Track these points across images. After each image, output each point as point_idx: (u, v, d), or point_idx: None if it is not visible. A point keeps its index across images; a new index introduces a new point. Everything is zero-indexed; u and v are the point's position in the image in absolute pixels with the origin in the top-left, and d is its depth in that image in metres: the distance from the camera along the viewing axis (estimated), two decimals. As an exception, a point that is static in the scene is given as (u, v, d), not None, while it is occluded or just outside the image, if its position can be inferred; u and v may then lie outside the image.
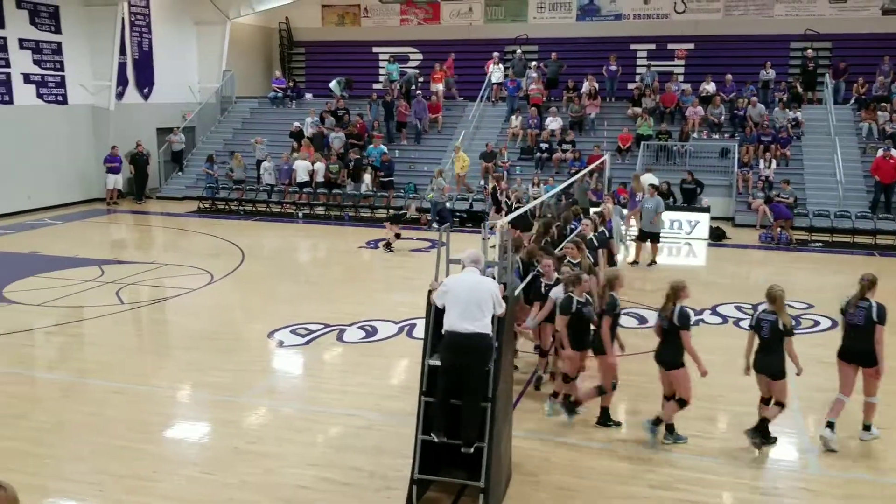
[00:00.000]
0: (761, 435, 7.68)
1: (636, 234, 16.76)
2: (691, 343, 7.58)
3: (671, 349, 7.66)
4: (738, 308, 12.44)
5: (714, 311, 12.51)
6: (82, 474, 7.17)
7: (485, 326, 6.27)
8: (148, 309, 13.13)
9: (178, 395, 9.31)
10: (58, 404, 8.85)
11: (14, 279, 14.45)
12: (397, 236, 17.53)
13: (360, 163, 22.92)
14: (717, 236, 19.14)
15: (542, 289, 8.94)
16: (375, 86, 28.31)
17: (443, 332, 6.39)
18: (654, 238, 16.30)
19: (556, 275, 8.96)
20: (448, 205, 20.50)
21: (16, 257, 16.61)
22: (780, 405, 7.67)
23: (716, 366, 8.17)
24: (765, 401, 7.80)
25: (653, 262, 16.21)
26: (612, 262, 13.25)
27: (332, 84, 26.46)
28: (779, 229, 18.54)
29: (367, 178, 22.54)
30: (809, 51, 24.88)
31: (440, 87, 25.77)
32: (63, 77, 22.91)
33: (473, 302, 6.27)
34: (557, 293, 8.52)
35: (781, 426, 7.98)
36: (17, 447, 7.67)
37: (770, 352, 7.57)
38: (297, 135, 24.73)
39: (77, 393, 9.24)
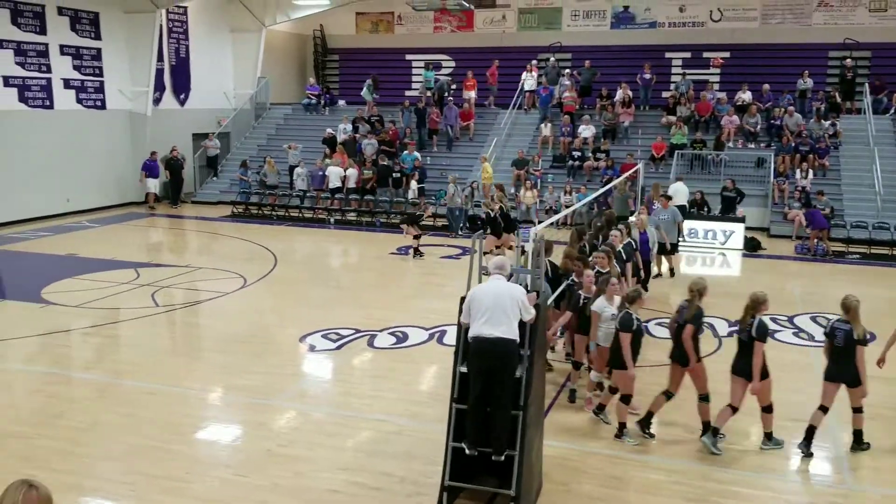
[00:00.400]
0: (806, 442, 7.79)
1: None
2: (763, 355, 7.60)
3: (747, 361, 7.61)
4: (774, 320, 12.17)
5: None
6: (117, 474, 7.25)
7: (511, 332, 6.23)
8: (182, 312, 13.27)
9: (210, 397, 9.39)
10: (94, 404, 8.94)
11: (52, 280, 14.66)
12: (416, 237, 17.53)
13: (386, 169, 22.99)
14: (752, 247, 18.90)
15: (581, 301, 8.90)
16: (408, 93, 28.44)
17: (469, 338, 6.37)
18: (672, 249, 15.86)
19: (594, 287, 8.95)
20: (457, 212, 20.42)
21: (54, 259, 16.88)
22: (859, 410, 7.77)
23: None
24: (823, 409, 7.80)
25: (672, 273, 15.89)
26: (647, 273, 13.13)
27: (363, 91, 26.63)
28: (815, 240, 18.26)
29: (413, 184, 22.52)
30: (848, 60, 24.53)
31: (472, 94, 25.79)
32: (102, 83, 23.31)
33: (499, 308, 6.23)
34: (602, 307, 8.39)
35: (815, 439, 7.85)
36: (54, 446, 7.78)
37: (844, 361, 7.62)
38: (330, 141, 24.90)
39: (112, 393, 9.34)
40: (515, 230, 16.78)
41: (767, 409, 7.85)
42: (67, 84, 22.21)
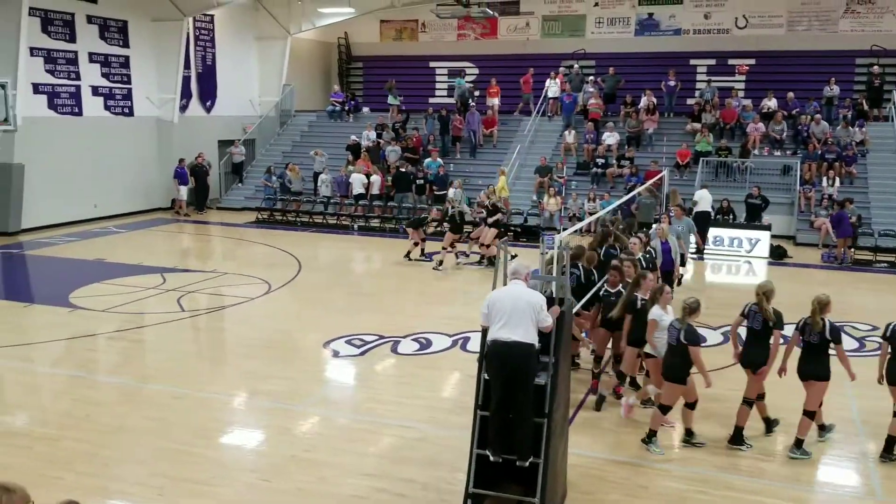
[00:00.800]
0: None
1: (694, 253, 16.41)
2: (845, 354, 7.78)
3: (822, 362, 7.69)
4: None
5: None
6: (143, 477, 7.31)
7: (528, 336, 6.20)
8: (207, 317, 13.37)
9: (235, 401, 9.42)
10: (120, 408, 9.02)
11: (80, 285, 14.81)
12: (421, 241, 17.67)
13: (401, 175, 23.04)
14: (777, 255, 18.75)
15: (638, 303, 8.90)
16: (432, 100, 28.50)
17: (487, 342, 6.38)
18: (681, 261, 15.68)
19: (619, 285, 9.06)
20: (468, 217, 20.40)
21: (82, 264, 17.07)
22: None
23: (778, 385, 8.10)
24: None
25: (678, 282, 15.71)
26: (668, 283, 12.98)
27: (389, 98, 26.82)
28: (842, 249, 18.07)
29: (453, 190, 22.42)
30: (875, 67, 24.26)
31: (496, 101, 25.82)
32: (130, 90, 23.61)
33: (518, 312, 6.22)
34: (660, 315, 8.25)
35: (842, 449, 7.78)
36: (81, 448, 7.85)
37: None
38: (354, 148, 25.02)
39: (139, 397, 9.43)
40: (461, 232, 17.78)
41: (810, 416, 7.83)
42: (96, 91, 22.52)
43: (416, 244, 17.63)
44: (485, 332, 6.51)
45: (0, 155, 18.89)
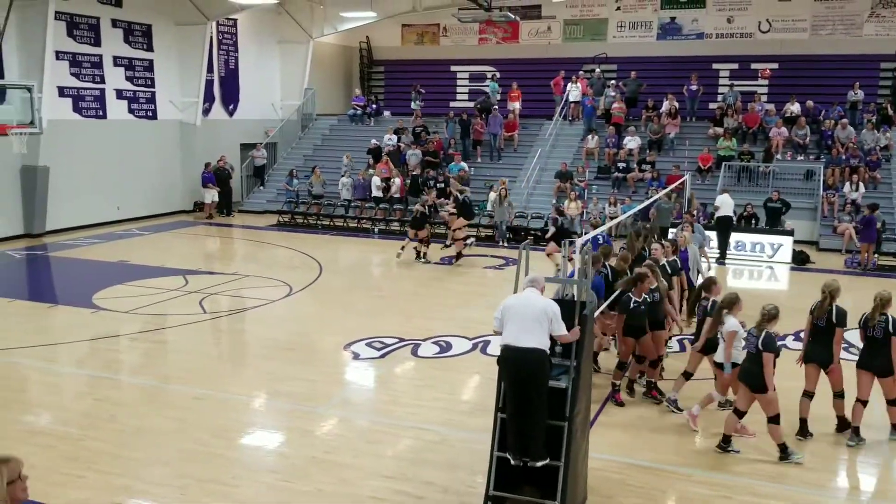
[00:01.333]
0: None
1: (714, 261, 16.23)
2: None
3: (885, 357, 7.89)
4: None
5: (797, 337, 12.10)
6: (166, 477, 7.36)
7: (541, 342, 6.24)
8: (229, 319, 13.45)
9: (256, 403, 9.48)
10: (143, 408, 9.09)
11: (103, 286, 14.94)
12: (423, 241, 17.89)
13: (415, 179, 23.01)
14: (800, 260, 18.57)
15: (631, 304, 9.06)
16: (452, 104, 28.52)
17: (500, 346, 6.44)
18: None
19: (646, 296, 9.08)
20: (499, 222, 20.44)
21: (105, 266, 17.22)
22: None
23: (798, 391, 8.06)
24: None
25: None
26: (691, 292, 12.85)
27: (413, 103, 26.89)
28: (866, 254, 17.87)
29: (491, 195, 22.45)
30: (900, 71, 24.03)
31: (517, 105, 25.79)
32: (153, 93, 23.83)
33: (530, 318, 6.27)
34: (737, 325, 8.12)
35: (868, 454, 7.69)
36: (105, 448, 7.92)
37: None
38: (375, 152, 25.08)
39: (161, 398, 9.50)
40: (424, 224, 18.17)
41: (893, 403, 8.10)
42: (120, 94, 22.74)
43: (422, 241, 17.86)
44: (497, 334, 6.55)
45: (26, 157, 19.05)
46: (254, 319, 13.31)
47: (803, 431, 8.27)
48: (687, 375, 9.06)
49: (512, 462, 6.35)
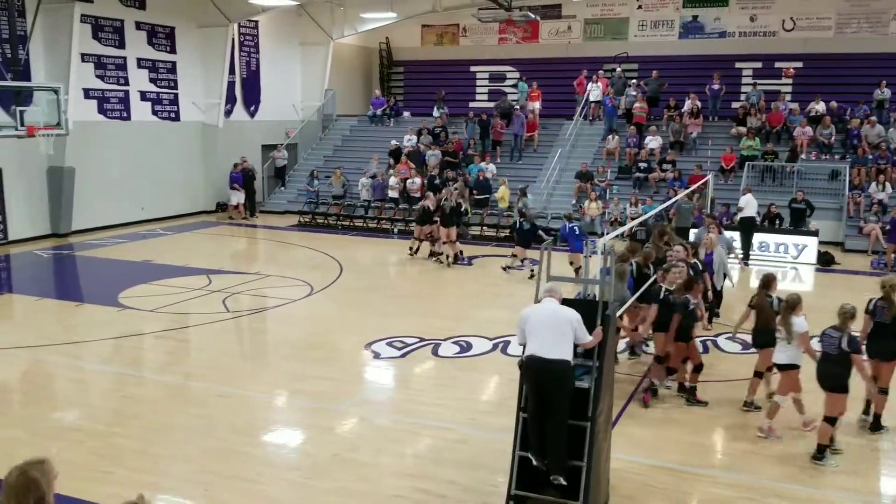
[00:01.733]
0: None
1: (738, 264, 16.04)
2: None
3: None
4: None
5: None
6: (190, 474, 7.43)
7: (564, 353, 6.26)
8: (251, 318, 13.53)
9: (278, 401, 9.56)
10: (167, 405, 9.20)
11: (128, 286, 15.10)
12: (429, 240, 17.90)
13: (431, 180, 23.03)
14: (825, 261, 18.37)
15: (662, 294, 9.27)
16: (472, 104, 28.50)
17: (523, 357, 6.43)
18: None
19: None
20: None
21: (130, 265, 17.39)
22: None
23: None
24: None
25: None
26: (716, 296, 12.76)
27: (435, 110, 26.92)
28: (893, 255, 17.65)
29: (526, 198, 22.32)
30: (928, 69, 23.69)
31: (537, 105, 25.72)
32: (176, 95, 24.01)
33: (554, 328, 6.29)
34: (805, 326, 8.14)
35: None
36: (131, 445, 8.02)
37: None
38: (395, 153, 25.12)
39: (185, 395, 9.63)
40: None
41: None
42: (144, 96, 22.93)
43: (427, 239, 18.00)
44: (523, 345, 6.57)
45: (52, 159, 19.28)
46: (276, 319, 13.42)
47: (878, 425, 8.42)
48: (758, 375, 9.14)
49: (535, 463, 6.38)
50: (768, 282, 9.19)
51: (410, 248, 18.66)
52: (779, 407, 8.30)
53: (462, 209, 18.58)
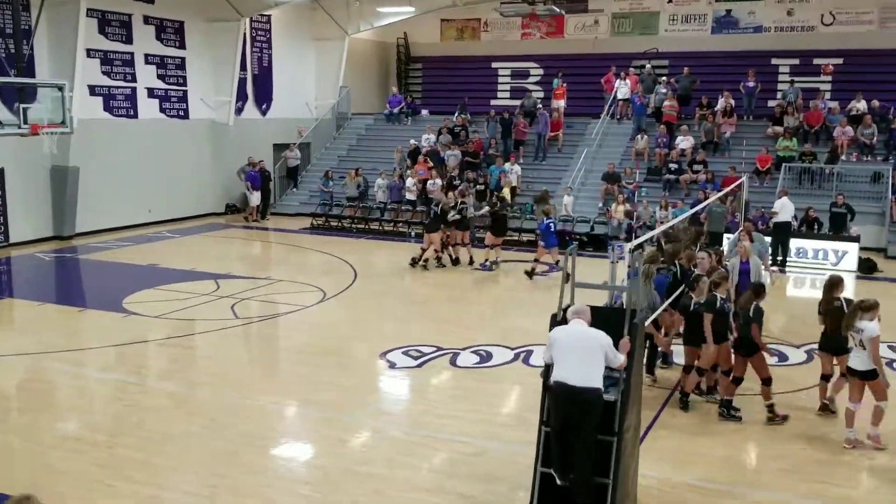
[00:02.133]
0: None
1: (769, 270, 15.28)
2: None
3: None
4: (891, 348, 11.11)
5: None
6: (195, 485, 7.21)
7: (594, 379, 6.01)
8: (261, 324, 13.16)
9: (288, 411, 9.30)
10: (172, 414, 8.97)
11: (133, 290, 14.72)
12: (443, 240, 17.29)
13: (453, 181, 22.22)
14: (867, 268, 17.57)
15: (693, 306, 9.06)
16: (493, 102, 27.71)
17: (551, 382, 6.18)
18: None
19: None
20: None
21: (135, 269, 16.90)
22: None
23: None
24: None
25: None
26: None
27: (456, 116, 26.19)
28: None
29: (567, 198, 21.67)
30: (974, 65, 22.64)
31: (562, 103, 24.91)
32: (185, 92, 23.38)
33: (585, 352, 6.09)
34: (877, 330, 7.80)
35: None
36: (134, 455, 7.77)
37: None
38: (413, 153, 24.33)
39: (191, 404, 9.35)
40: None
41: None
42: (151, 93, 22.32)
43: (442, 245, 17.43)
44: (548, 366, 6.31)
45: (56, 158, 18.71)
46: (287, 325, 13.07)
47: None
48: (826, 378, 8.91)
49: (558, 482, 6.16)
50: (834, 284, 8.77)
51: (437, 258, 17.77)
52: (853, 413, 8.01)
53: (464, 211, 17.69)
